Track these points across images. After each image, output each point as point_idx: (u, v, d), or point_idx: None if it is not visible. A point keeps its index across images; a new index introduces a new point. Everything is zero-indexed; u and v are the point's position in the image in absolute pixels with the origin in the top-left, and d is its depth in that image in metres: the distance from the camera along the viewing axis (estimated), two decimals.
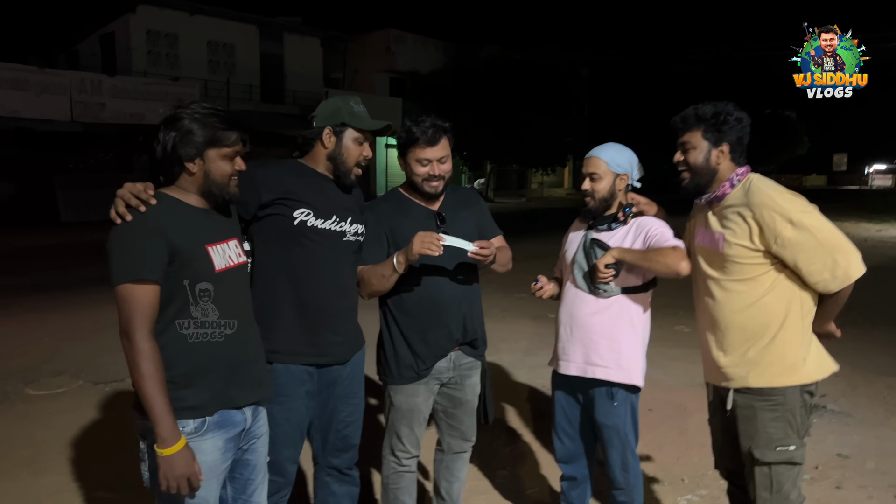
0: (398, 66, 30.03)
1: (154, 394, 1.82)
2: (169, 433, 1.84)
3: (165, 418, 1.83)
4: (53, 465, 3.71)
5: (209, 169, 1.99)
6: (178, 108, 2.00)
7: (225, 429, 2.01)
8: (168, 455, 1.84)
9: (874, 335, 6.87)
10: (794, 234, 2.22)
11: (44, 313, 7.36)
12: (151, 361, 1.83)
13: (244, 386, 2.06)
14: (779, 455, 2.34)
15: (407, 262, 2.43)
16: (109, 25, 23.43)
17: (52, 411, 4.50)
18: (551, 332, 6.37)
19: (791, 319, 2.34)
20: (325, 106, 2.55)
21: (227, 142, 2.01)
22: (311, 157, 2.54)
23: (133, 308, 1.83)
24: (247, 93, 24.30)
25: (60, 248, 13.13)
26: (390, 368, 2.68)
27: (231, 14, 24.88)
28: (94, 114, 19.06)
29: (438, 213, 2.67)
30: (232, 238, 2.12)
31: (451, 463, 2.87)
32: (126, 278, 1.83)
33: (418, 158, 2.58)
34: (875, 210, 24.60)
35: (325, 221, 2.46)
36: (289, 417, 2.43)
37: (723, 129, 2.39)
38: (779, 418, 2.34)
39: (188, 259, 1.92)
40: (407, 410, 2.68)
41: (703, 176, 2.43)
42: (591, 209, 2.66)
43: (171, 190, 2.01)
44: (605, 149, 2.68)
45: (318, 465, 2.68)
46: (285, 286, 2.43)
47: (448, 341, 2.65)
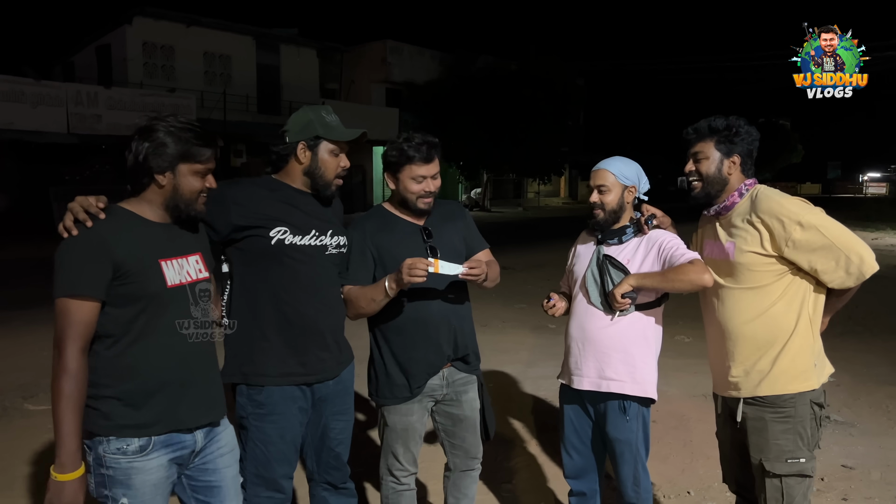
0: (394, 76, 30.11)
1: (67, 415, 1.79)
2: (69, 458, 1.80)
3: (71, 442, 1.80)
4: None
5: (179, 183, 1.98)
6: (153, 120, 1.97)
7: (170, 447, 1.97)
8: (61, 481, 1.80)
9: (874, 344, 6.88)
10: (805, 235, 2.26)
11: (41, 326, 7.29)
12: (74, 381, 1.80)
13: (195, 407, 2.03)
14: (790, 467, 2.34)
15: (398, 288, 2.39)
16: (106, 37, 23.44)
17: (52, 427, 4.45)
18: (553, 343, 6.29)
19: (801, 326, 2.37)
20: (297, 119, 2.45)
21: (201, 158, 1.99)
22: (285, 172, 2.46)
23: (66, 322, 1.81)
24: (243, 104, 24.32)
25: None
26: (382, 389, 2.64)
27: (227, 26, 24.93)
28: (90, 125, 19.04)
29: (424, 227, 2.63)
30: (194, 253, 2.08)
31: (458, 481, 2.84)
32: (64, 292, 1.81)
33: (413, 176, 2.54)
34: (871, 218, 24.68)
35: (303, 237, 2.39)
36: (283, 435, 2.40)
37: (734, 141, 2.44)
38: (789, 430, 2.35)
39: (136, 273, 1.89)
40: (402, 430, 2.65)
41: (715, 185, 2.46)
42: (599, 221, 2.64)
43: (129, 203, 1.99)
44: (613, 161, 2.67)
45: (314, 481, 2.65)
46: (268, 308, 2.37)
47: (439, 358, 2.61)
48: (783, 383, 2.35)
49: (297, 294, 2.39)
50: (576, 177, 40.83)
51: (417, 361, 2.58)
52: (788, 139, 48.78)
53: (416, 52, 31.23)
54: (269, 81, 26.10)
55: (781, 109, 50.29)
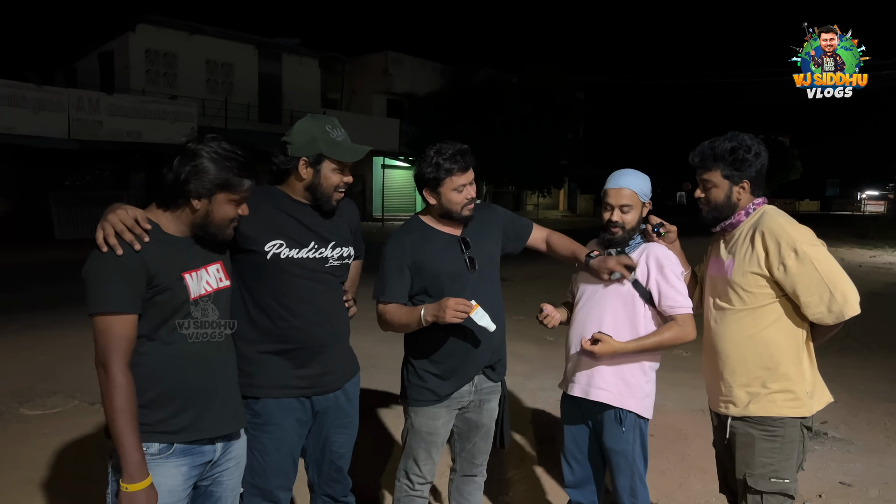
0: (395, 87, 30.20)
1: (125, 429, 1.80)
2: (136, 469, 1.81)
3: (134, 454, 1.81)
4: (48, 486, 3.65)
5: (212, 210, 1.97)
6: (199, 144, 1.95)
7: (191, 456, 1.97)
8: (133, 492, 1.81)
9: (873, 361, 6.88)
10: (797, 264, 2.25)
11: (38, 331, 7.29)
12: (125, 395, 1.81)
13: (218, 417, 2.03)
14: (772, 485, 2.34)
15: (433, 322, 2.40)
16: (108, 44, 23.52)
17: (48, 431, 4.44)
18: (551, 356, 6.26)
19: (793, 353, 2.36)
20: (300, 132, 2.35)
21: (241, 189, 1.98)
22: (287, 186, 2.41)
23: (109, 339, 1.81)
24: (244, 112, 24.37)
25: (55, 266, 13.04)
26: (412, 390, 2.66)
27: (230, 34, 25.03)
28: (92, 131, 19.05)
29: (462, 238, 2.65)
30: (213, 262, 2.08)
31: (461, 485, 2.86)
32: (105, 309, 1.81)
33: (455, 187, 2.55)
34: (869, 236, 24.74)
35: (300, 251, 2.35)
36: (279, 446, 2.38)
37: (742, 168, 2.40)
38: (776, 450, 2.35)
39: (165, 287, 1.90)
40: (426, 433, 2.66)
41: (724, 212, 2.46)
42: (617, 240, 2.62)
43: (153, 213, 1.97)
44: (632, 178, 2.62)
45: (315, 492, 2.63)
46: (265, 322, 2.34)
47: (474, 368, 2.64)
48: (773, 406, 2.35)
49: (295, 309, 2.35)
50: (575, 190, 40.91)
51: (454, 370, 2.60)
52: (787, 156, 48.94)
53: (417, 64, 31.33)
54: (270, 90, 26.17)
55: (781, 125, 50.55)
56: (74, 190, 19.29)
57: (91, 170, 20.24)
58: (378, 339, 6.21)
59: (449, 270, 2.58)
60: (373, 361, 5.56)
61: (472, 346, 2.59)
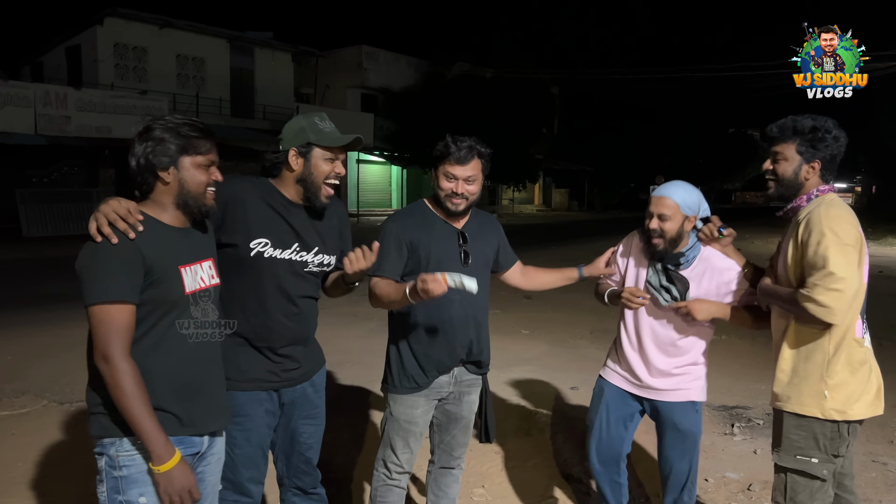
0: (370, 81, 30.09)
1: (141, 412, 1.80)
2: (163, 449, 1.82)
3: (157, 435, 1.81)
4: (17, 487, 3.58)
5: (183, 178, 1.97)
6: (150, 121, 1.98)
7: (181, 446, 1.96)
8: (166, 471, 1.83)
9: None
10: (814, 241, 2.21)
11: (6, 331, 7.14)
12: (134, 380, 1.80)
13: (208, 412, 2.04)
14: (797, 463, 2.33)
15: (415, 301, 2.40)
16: (76, 38, 23.10)
17: (16, 432, 4.36)
18: (525, 349, 6.24)
19: (820, 351, 2.31)
20: (290, 126, 2.43)
21: (201, 149, 1.98)
22: (280, 181, 2.44)
23: (108, 329, 1.79)
24: (216, 107, 24.11)
25: (23, 264, 12.80)
26: (393, 377, 2.69)
27: (201, 28, 24.72)
28: (59, 127, 18.71)
29: (462, 232, 2.69)
30: (207, 259, 2.09)
31: (438, 477, 2.89)
32: (103, 299, 1.79)
33: (446, 173, 2.59)
34: None
35: (283, 251, 2.37)
36: (248, 438, 2.39)
37: (818, 147, 2.36)
38: (804, 426, 2.33)
39: (161, 279, 1.89)
40: (405, 422, 2.68)
41: (789, 188, 2.42)
42: (660, 252, 2.65)
43: (146, 206, 1.97)
44: (677, 189, 2.64)
45: (284, 485, 2.64)
46: (240, 315, 2.35)
47: (452, 360, 2.67)
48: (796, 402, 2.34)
49: (268, 306, 2.37)
50: (550, 184, 41.13)
51: (432, 359, 2.64)
52: (757, 148, 49.68)
53: (391, 58, 31.25)
54: (242, 85, 25.93)
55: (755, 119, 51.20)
56: (42, 187, 18.92)
57: (59, 166, 19.86)
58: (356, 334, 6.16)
59: (443, 257, 2.62)
60: (350, 357, 5.51)
61: (452, 336, 2.63)
